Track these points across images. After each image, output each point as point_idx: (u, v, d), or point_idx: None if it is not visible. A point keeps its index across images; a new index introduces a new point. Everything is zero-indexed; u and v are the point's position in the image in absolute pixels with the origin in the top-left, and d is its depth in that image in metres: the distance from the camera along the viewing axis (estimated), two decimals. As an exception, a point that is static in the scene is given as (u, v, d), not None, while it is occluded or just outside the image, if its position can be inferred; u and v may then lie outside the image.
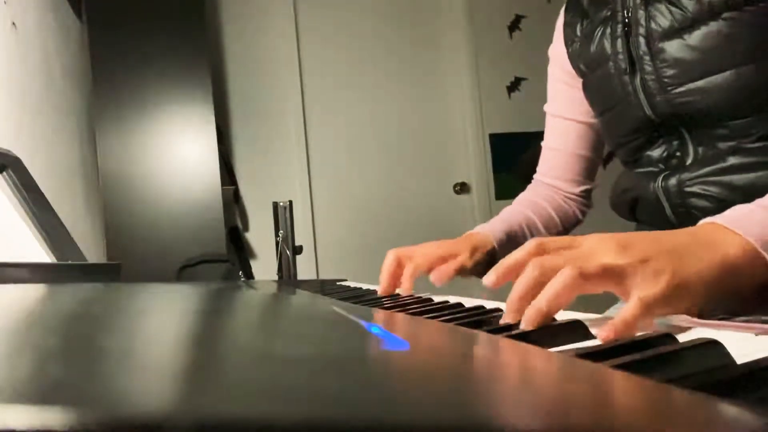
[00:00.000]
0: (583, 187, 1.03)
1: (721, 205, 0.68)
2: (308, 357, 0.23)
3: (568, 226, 1.04)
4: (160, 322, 0.37)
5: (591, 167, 1.02)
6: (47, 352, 0.21)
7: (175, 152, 2.18)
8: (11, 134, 1.39)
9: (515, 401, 0.18)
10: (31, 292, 0.54)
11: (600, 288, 0.41)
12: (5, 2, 1.43)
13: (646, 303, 0.39)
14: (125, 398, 0.14)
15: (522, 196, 1.06)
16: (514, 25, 3.14)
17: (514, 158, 3.07)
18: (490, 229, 0.93)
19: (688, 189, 0.75)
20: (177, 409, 0.14)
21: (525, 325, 0.40)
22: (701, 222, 0.48)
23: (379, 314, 0.48)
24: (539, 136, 1.07)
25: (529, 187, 1.08)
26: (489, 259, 0.88)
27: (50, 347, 0.22)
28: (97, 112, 2.11)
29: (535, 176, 1.08)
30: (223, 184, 2.24)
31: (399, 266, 0.79)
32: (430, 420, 0.14)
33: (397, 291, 0.78)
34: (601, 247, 0.42)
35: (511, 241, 0.93)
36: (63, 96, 1.93)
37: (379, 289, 0.77)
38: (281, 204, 1.66)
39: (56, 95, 1.86)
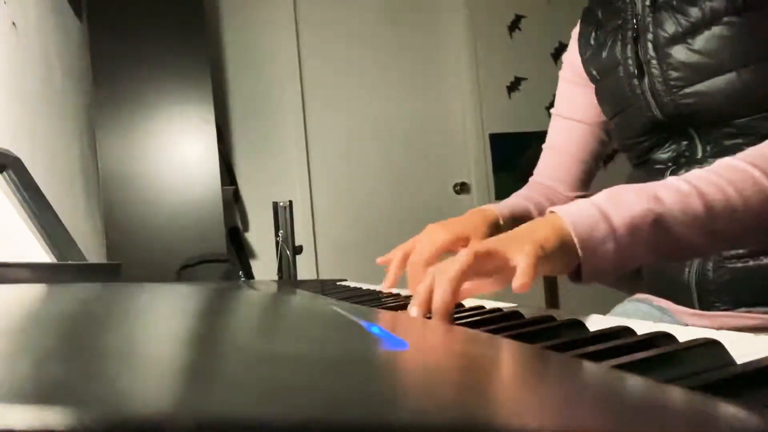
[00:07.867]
0: (578, 193, 1.01)
1: None
2: (308, 357, 0.23)
3: None
4: (160, 323, 0.37)
5: (588, 174, 1.01)
6: (47, 352, 0.21)
7: (175, 152, 2.18)
8: (11, 134, 1.39)
9: (514, 401, 0.18)
10: (31, 292, 0.54)
11: (487, 264, 0.50)
12: (5, 2, 1.43)
13: (533, 253, 0.48)
14: (125, 398, 0.14)
15: (518, 192, 1.02)
16: (514, 25, 3.14)
17: (514, 158, 3.07)
18: (494, 206, 0.89)
19: None
20: (177, 409, 0.14)
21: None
22: (547, 210, 0.57)
23: (379, 314, 0.48)
24: (539, 136, 1.07)
25: (525, 186, 1.05)
26: (494, 232, 0.83)
27: (50, 347, 0.22)
28: (97, 112, 2.11)
29: (531, 177, 1.06)
30: (223, 184, 2.24)
31: (405, 260, 0.76)
32: (429, 420, 0.14)
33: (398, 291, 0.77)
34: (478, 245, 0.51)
35: (516, 219, 0.89)
36: (63, 96, 1.93)
37: (385, 283, 0.76)
38: (281, 204, 1.66)
39: (56, 95, 1.86)
